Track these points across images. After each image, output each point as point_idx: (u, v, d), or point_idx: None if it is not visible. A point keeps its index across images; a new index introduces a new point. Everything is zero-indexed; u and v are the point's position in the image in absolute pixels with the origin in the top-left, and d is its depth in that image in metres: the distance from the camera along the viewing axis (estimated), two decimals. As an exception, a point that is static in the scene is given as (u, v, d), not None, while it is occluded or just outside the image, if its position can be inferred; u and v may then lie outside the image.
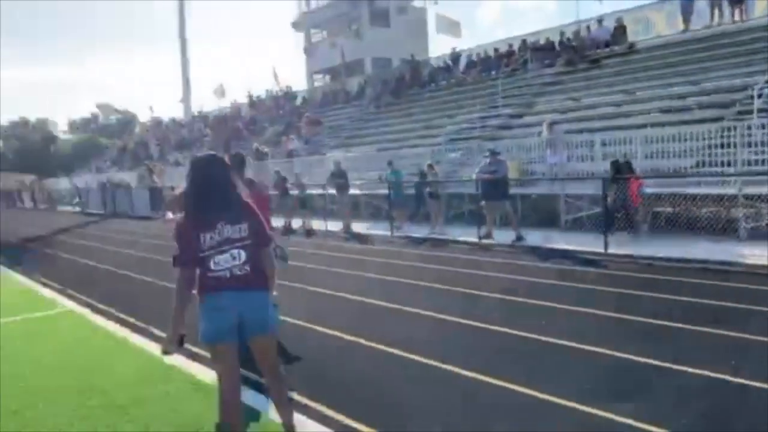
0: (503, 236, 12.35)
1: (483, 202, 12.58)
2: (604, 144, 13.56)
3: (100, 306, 8.10)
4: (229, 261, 3.28)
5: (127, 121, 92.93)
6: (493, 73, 24.83)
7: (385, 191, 16.27)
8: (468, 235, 13.07)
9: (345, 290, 8.36)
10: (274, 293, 3.63)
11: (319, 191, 18.97)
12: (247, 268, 3.32)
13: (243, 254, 3.31)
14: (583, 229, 12.37)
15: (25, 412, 4.44)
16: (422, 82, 28.67)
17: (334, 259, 11.45)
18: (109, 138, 77.44)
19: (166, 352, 3.45)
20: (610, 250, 10.13)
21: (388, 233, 14.80)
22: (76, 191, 37.03)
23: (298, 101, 37.81)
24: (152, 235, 18.02)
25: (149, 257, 12.87)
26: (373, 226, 16.43)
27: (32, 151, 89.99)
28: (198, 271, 3.31)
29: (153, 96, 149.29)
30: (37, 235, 19.93)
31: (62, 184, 44.79)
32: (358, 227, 16.34)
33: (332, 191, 17.45)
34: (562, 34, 23.34)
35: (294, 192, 18.48)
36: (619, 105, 17.59)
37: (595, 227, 11.56)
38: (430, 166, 15.13)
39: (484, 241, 12.36)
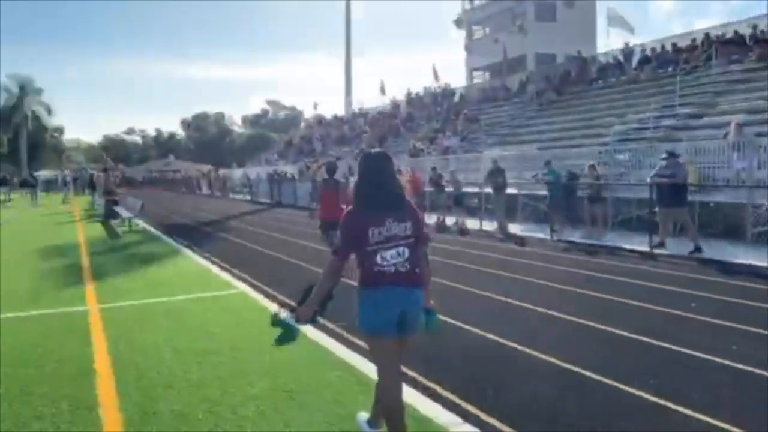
0: (678, 246, 11.28)
1: (657, 209, 11.53)
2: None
3: (268, 289, 8.47)
4: (395, 257, 3.32)
5: (294, 117, 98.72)
6: (671, 69, 22.93)
7: (545, 192, 15.62)
8: (636, 243, 12.10)
9: (502, 293, 8.01)
10: (431, 302, 3.57)
11: (475, 189, 18.65)
12: (409, 265, 3.35)
13: (407, 251, 3.35)
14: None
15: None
16: (589, 79, 27.25)
17: (489, 260, 11.10)
18: (277, 133, 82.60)
19: (298, 321, 3.81)
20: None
21: (547, 236, 14.14)
22: (248, 181, 39.83)
23: (456, 98, 37.65)
24: (312, 224, 18.76)
25: (310, 245, 13.35)
26: (529, 228, 15.82)
27: (210, 142, 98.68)
28: (361, 263, 3.36)
29: (318, 93, 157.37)
30: (212, 220, 21.64)
31: (235, 174, 48.46)
32: (514, 228, 15.83)
33: (488, 190, 17.04)
34: (754, 27, 20.97)
35: (449, 189, 18.39)
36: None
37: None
38: (592, 167, 14.24)
39: (657, 250, 11.35)
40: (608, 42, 35.42)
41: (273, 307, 7.33)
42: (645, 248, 11.57)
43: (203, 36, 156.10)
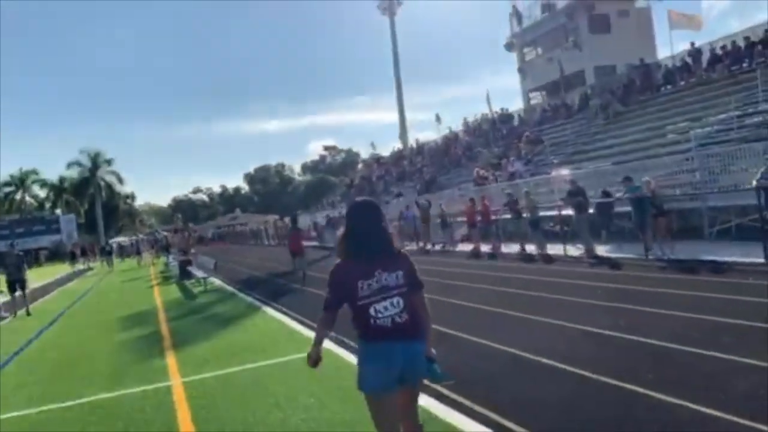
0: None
1: (768, 215, 10.39)
2: None
3: (352, 343, 7.86)
4: (389, 309, 3.21)
5: (351, 159, 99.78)
6: (745, 65, 21.53)
7: (628, 208, 14.58)
8: (742, 254, 10.95)
9: (630, 330, 7.12)
10: (432, 350, 3.40)
11: (551, 213, 17.71)
12: (406, 315, 3.24)
13: (401, 302, 3.24)
14: None
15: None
16: (656, 86, 26.01)
17: (592, 291, 10.17)
18: (337, 176, 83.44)
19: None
20: None
21: (638, 256, 13.06)
22: (314, 227, 39.83)
23: (515, 121, 36.84)
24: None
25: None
26: (618, 249, 14.75)
27: (273, 193, 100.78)
28: (356, 317, 3.25)
29: (374, 133, 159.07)
30: (284, 271, 21.37)
31: (300, 221, 48.74)
32: (601, 250, 14.79)
33: (568, 212, 16.08)
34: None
35: (525, 215, 17.55)
36: None
37: None
38: (647, 183, 13.27)
39: (773, 261, 10.18)
40: (671, 47, 33.98)
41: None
42: (759, 259, 10.40)
43: (255, 91, 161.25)
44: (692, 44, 24.76)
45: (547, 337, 7.24)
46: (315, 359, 3.34)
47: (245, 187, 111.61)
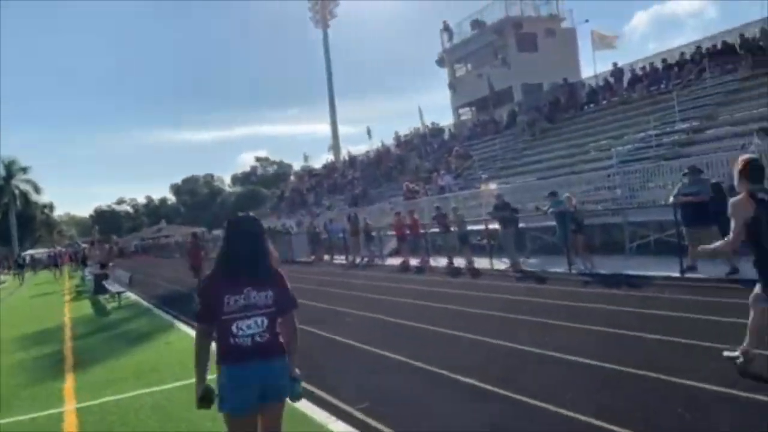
0: (710, 269, 10.35)
1: (684, 230, 10.64)
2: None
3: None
4: (252, 327, 3.17)
5: (284, 171, 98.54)
6: (663, 86, 22.45)
7: (553, 223, 14.78)
8: (661, 268, 11.19)
9: (552, 347, 7.03)
10: (297, 370, 3.38)
11: (479, 227, 17.79)
12: (267, 335, 3.20)
13: (266, 321, 3.20)
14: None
15: None
16: (580, 104, 26.79)
17: (514, 305, 10.13)
18: (268, 188, 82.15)
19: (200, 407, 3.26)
20: None
21: (563, 270, 13.21)
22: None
23: (446, 136, 37.22)
24: (312, 280, 17.79)
25: (316, 306, 12.35)
26: (543, 263, 14.90)
27: (201, 204, 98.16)
28: (218, 334, 3.20)
29: (306, 146, 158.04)
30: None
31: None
32: (526, 264, 14.91)
33: (495, 226, 16.16)
34: (741, 36, 20.57)
35: (453, 229, 17.55)
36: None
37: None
38: (569, 198, 13.51)
39: (689, 274, 10.43)
40: (594, 67, 35.20)
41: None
42: (674, 273, 10.66)
43: (186, 101, 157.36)
44: (614, 64, 25.67)
45: (449, 349, 7.16)
46: (205, 397, 3.19)
47: (172, 198, 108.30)
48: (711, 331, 6.80)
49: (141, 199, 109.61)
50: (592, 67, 60.19)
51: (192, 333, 10.46)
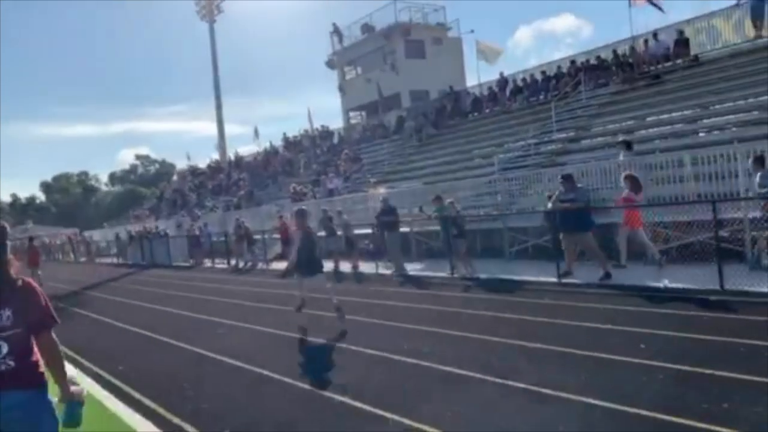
0: (584, 274, 10.68)
1: (561, 235, 10.92)
2: (695, 163, 11.85)
3: (131, 391, 6.67)
4: None
5: (166, 170, 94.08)
6: (542, 97, 23.41)
7: (437, 228, 14.83)
8: (541, 273, 11.44)
9: (410, 353, 6.81)
10: (75, 387, 2.97)
11: (366, 231, 17.59)
12: (13, 362, 2.75)
13: (6, 346, 2.74)
14: (688, 262, 10.41)
15: None
16: (464, 112, 27.43)
17: (393, 311, 9.91)
18: (149, 188, 78.09)
19: None
20: (728, 287, 8.43)
21: (447, 274, 13.25)
22: (116, 242, 36.43)
23: (335, 139, 36.94)
24: (186, 287, 16.79)
25: (187, 315, 11.54)
26: (427, 267, 14.91)
27: (73, 204, 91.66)
28: None
29: (191, 145, 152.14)
30: (69, 292, 18.94)
31: (103, 235, 44.47)
32: (410, 268, 14.85)
33: (379, 230, 16.00)
34: (614, 51, 21.84)
35: (339, 232, 17.23)
36: (692, 121, 15.96)
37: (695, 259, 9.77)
38: (452, 203, 13.69)
39: (565, 279, 10.71)
40: (478, 76, 36.24)
41: (127, 415, 5.65)
42: (552, 278, 10.91)
43: (60, 93, 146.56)
44: (501, 74, 26.43)
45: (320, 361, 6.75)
46: None
47: (41, 197, 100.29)
48: (581, 337, 6.87)
49: (5, 197, 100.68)
50: (476, 76, 62.14)
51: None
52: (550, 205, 11.21)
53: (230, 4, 65.06)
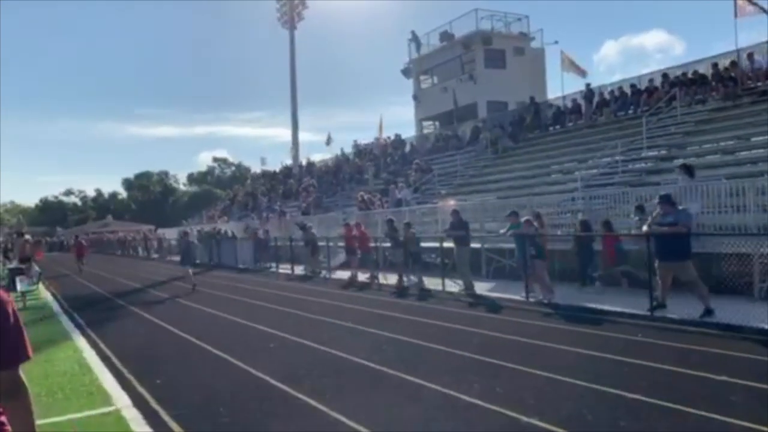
0: (680, 308, 9.31)
1: (657, 263, 9.58)
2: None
3: (159, 408, 5.97)
4: None
5: (241, 173, 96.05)
6: (631, 111, 21.83)
7: (512, 245, 13.69)
8: (629, 304, 10.14)
9: (484, 396, 5.80)
10: None
11: (434, 244, 16.60)
12: None
13: None
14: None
15: None
16: (545, 125, 26.02)
17: (462, 338, 8.90)
18: (224, 190, 79.76)
19: None
20: None
21: (520, 297, 12.10)
22: (178, 242, 36.81)
23: (407, 148, 36.13)
24: (257, 293, 16.30)
25: (251, 326, 10.92)
26: (498, 287, 13.78)
27: (152, 202, 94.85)
28: None
29: (267, 150, 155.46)
30: (133, 288, 18.85)
31: (168, 234, 45.29)
32: (480, 287, 13.71)
33: (450, 245, 14.97)
34: (715, 66, 20.05)
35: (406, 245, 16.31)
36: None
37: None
38: (528, 222, 12.44)
39: (658, 313, 9.40)
40: (562, 88, 34.61)
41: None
42: (642, 311, 9.61)
43: (147, 95, 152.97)
44: (587, 85, 24.88)
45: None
46: None
47: (123, 193, 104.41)
48: (692, 389, 5.67)
49: (90, 192, 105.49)
50: (559, 88, 59.97)
51: (85, 351, 8.92)
52: (645, 228, 9.91)
53: (310, 12, 65.52)
